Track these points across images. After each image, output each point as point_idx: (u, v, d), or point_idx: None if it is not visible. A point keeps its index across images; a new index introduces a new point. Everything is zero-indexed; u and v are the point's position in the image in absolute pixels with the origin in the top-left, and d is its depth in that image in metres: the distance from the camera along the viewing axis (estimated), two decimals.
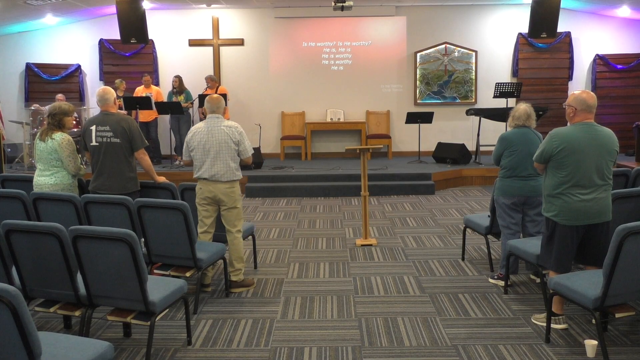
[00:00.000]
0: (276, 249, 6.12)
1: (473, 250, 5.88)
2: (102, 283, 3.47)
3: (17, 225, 3.46)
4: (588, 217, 3.77)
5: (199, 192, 4.78)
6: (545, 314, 3.95)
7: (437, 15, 11.60)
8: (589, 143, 3.74)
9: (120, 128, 4.81)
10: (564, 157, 3.75)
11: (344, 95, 11.67)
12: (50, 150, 4.95)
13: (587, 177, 3.74)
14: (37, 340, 2.49)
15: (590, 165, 3.73)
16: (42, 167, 5.02)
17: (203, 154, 4.70)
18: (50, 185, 4.95)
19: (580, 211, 3.75)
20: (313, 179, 9.37)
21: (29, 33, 11.54)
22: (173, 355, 3.67)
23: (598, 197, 3.76)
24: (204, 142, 4.69)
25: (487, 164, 10.18)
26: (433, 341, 3.82)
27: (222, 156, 4.68)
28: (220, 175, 4.68)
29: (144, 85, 10.57)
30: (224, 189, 4.70)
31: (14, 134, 11.38)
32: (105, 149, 4.84)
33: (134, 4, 9.65)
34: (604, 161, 3.77)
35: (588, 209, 3.75)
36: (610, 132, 3.86)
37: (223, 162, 4.68)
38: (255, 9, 11.58)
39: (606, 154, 3.78)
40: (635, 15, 11.24)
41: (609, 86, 11.70)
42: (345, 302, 4.52)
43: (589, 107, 3.80)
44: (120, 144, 4.83)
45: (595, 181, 3.75)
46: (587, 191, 3.75)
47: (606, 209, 3.82)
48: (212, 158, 4.67)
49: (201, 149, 4.70)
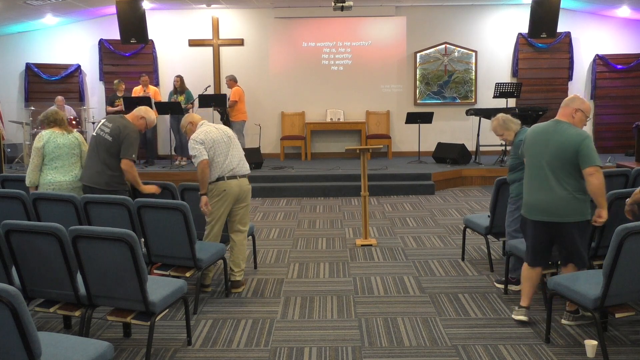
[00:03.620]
0: (276, 249, 6.12)
1: (473, 250, 5.88)
2: (102, 283, 3.47)
3: (17, 225, 3.46)
4: (542, 213, 3.79)
5: (224, 194, 4.55)
6: (523, 312, 4.00)
7: (437, 15, 11.60)
8: (544, 138, 3.80)
9: (117, 129, 4.77)
10: (526, 151, 3.95)
11: (343, 95, 11.67)
12: (73, 145, 4.99)
13: (538, 172, 3.79)
14: (37, 341, 2.49)
15: (540, 159, 3.77)
16: (59, 164, 4.94)
17: (226, 149, 4.64)
18: (68, 183, 4.93)
19: (534, 205, 3.82)
20: (313, 179, 9.37)
21: (29, 33, 11.54)
22: (173, 355, 3.67)
23: (552, 195, 3.72)
24: (219, 138, 4.63)
25: (487, 164, 10.19)
26: (433, 341, 3.82)
27: (239, 150, 4.75)
28: (247, 170, 4.74)
29: (141, 85, 10.56)
30: (247, 184, 4.76)
31: (14, 134, 11.39)
32: (97, 142, 4.82)
33: (134, 4, 9.66)
34: (558, 160, 3.70)
35: (539, 204, 3.79)
36: (574, 132, 3.72)
37: (242, 156, 4.77)
38: (255, 9, 11.59)
39: (556, 149, 3.72)
40: (635, 15, 11.24)
41: (609, 86, 11.70)
42: (345, 302, 4.52)
43: (561, 105, 3.90)
44: (110, 143, 4.76)
45: (547, 177, 3.73)
46: (539, 186, 3.79)
47: (561, 208, 3.73)
48: (238, 155, 4.71)
49: (223, 145, 4.62)
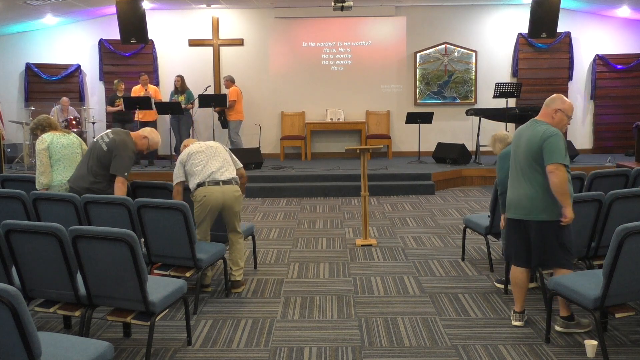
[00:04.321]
0: (276, 249, 6.12)
1: (473, 250, 5.88)
2: (102, 283, 3.47)
3: (17, 225, 3.46)
4: (513, 210, 3.87)
5: (204, 199, 4.50)
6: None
7: (437, 15, 11.60)
8: (520, 137, 3.89)
9: (114, 142, 4.70)
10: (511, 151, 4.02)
11: (343, 95, 11.67)
12: (75, 145, 5.03)
13: (513, 170, 3.92)
14: (37, 341, 2.49)
15: (516, 158, 3.89)
16: (66, 164, 4.94)
17: (206, 158, 4.61)
18: None
19: (508, 203, 3.94)
20: (313, 179, 9.37)
21: (29, 33, 11.54)
22: (173, 355, 3.67)
23: (520, 192, 3.81)
24: (197, 150, 4.65)
25: (486, 164, 10.18)
26: (433, 341, 3.82)
27: (224, 160, 4.66)
28: (229, 175, 4.60)
29: (141, 84, 10.54)
30: (233, 191, 4.60)
31: (14, 134, 11.39)
32: (92, 147, 4.81)
33: (134, 4, 9.66)
34: (524, 155, 3.79)
35: (510, 201, 3.90)
36: (543, 129, 3.71)
37: (228, 164, 4.67)
38: (255, 9, 11.58)
39: (525, 147, 3.79)
40: (635, 15, 11.24)
41: (609, 86, 11.70)
42: (345, 302, 4.52)
43: (545, 103, 3.88)
44: (104, 152, 4.69)
45: (518, 174, 3.85)
46: (511, 183, 3.92)
47: (527, 206, 3.76)
48: (220, 161, 4.62)
49: (202, 155, 4.61)
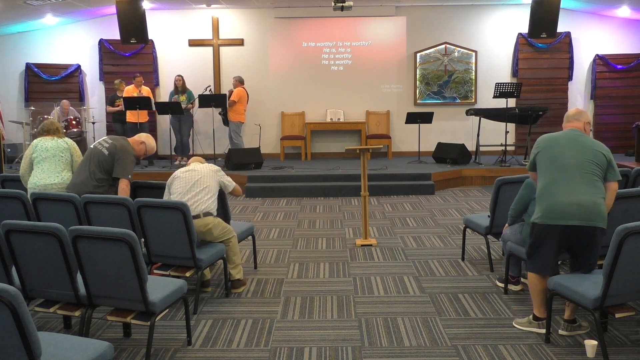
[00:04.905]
0: (276, 249, 6.12)
1: (473, 250, 5.88)
2: (102, 283, 3.47)
3: (17, 225, 3.46)
4: (571, 217, 3.61)
5: None
6: (527, 319, 3.96)
7: (437, 15, 11.60)
8: (567, 141, 3.77)
9: (114, 147, 4.78)
10: (542, 156, 3.81)
11: (343, 95, 11.67)
12: (61, 149, 5.05)
13: (565, 174, 3.68)
14: (37, 341, 2.49)
15: (568, 161, 3.68)
16: (45, 167, 5.00)
17: (184, 187, 4.58)
18: (54, 185, 4.96)
19: (565, 209, 3.62)
20: (313, 179, 9.37)
21: (29, 33, 11.54)
22: (173, 355, 3.67)
23: (586, 197, 3.61)
24: (181, 176, 4.64)
25: (487, 164, 10.19)
26: (433, 341, 3.82)
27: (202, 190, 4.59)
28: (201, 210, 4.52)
29: (134, 85, 10.42)
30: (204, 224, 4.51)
31: (14, 134, 11.40)
32: (91, 153, 4.84)
33: (134, 4, 9.66)
34: (587, 160, 3.67)
35: (566, 207, 3.61)
36: (598, 142, 3.78)
37: (206, 193, 4.59)
38: (255, 9, 11.59)
39: (589, 153, 3.69)
40: (635, 15, 11.24)
41: (609, 86, 11.71)
42: (345, 302, 4.52)
43: (567, 118, 3.91)
44: (105, 157, 4.76)
45: (576, 179, 3.65)
46: (565, 189, 3.65)
47: (590, 212, 3.60)
48: (195, 191, 4.56)
49: (183, 182, 4.60)
